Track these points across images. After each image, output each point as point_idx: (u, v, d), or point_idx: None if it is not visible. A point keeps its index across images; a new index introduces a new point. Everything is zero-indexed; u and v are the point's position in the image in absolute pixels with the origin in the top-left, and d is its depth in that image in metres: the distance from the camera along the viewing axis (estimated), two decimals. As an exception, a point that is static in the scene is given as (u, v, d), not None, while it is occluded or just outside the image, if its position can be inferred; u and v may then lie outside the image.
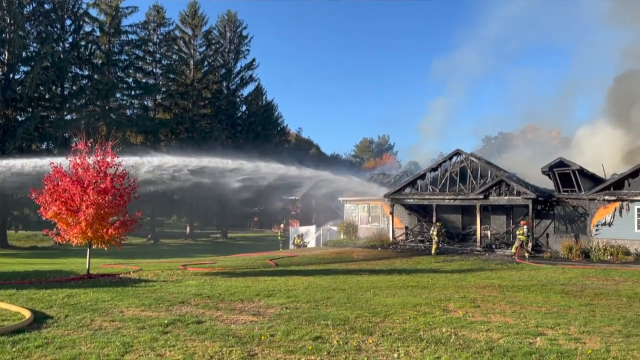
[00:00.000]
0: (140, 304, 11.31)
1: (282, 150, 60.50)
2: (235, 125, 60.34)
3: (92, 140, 17.19)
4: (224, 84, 61.51)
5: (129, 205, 17.72)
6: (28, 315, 9.67)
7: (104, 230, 16.59)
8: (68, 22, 47.90)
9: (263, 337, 8.30)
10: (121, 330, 8.83)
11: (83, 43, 49.15)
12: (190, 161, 33.43)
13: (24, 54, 42.96)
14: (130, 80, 53.92)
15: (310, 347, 7.72)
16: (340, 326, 9.19)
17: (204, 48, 59.61)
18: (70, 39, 48.19)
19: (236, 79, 62.40)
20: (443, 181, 30.68)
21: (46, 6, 45.89)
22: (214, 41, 60.73)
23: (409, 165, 46.07)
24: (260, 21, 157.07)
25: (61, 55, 45.85)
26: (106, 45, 50.69)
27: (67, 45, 47.80)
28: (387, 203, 32.79)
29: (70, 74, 47.60)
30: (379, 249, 30.18)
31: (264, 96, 66.59)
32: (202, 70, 59.04)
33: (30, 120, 42.56)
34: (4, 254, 36.02)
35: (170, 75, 56.96)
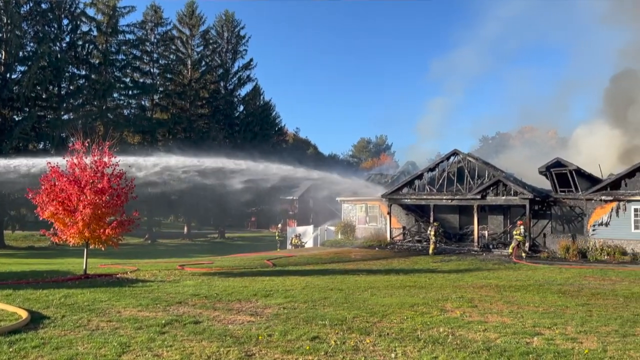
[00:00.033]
0: (137, 304, 11.29)
1: (280, 150, 60.53)
2: (233, 125, 60.30)
3: (90, 140, 17.15)
4: (222, 84, 61.50)
5: (126, 205, 17.70)
6: (25, 315, 9.64)
7: (101, 231, 16.55)
8: (65, 22, 47.93)
9: (260, 337, 8.30)
10: (118, 330, 8.81)
11: (80, 43, 49.10)
12: (197, 162, 33.43)
13: (20, 53, 42.90)
14: (127, 80, 53.92)
15: (307, 347, 7.72)
16: (337, 326, 9.19)
17: (201, 48, 59.66)
18: (67, 39, 48.18)
19: (234, 79, 62.43)
20: (440, 181, 30.71)
21: (43, 6, 45.86)
22: (211, 41, 60.71)
23: (406, 165, 46.09)
24: (258, 21, 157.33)
25: (58, 55, 45.79)
26: (103, 45, 50.64)
27: (64, 44, 47.76)
28: (385, 203, 32.81)
29: (67, 74, 47.55)
30: (376, 249, 30.19)
31: (261, 96, 66.64)
32: (200, 70, 59.03)
33: (27, 120, 42.45)
34: (1, 254, 35.92)
35: (168, 75, 56.94)
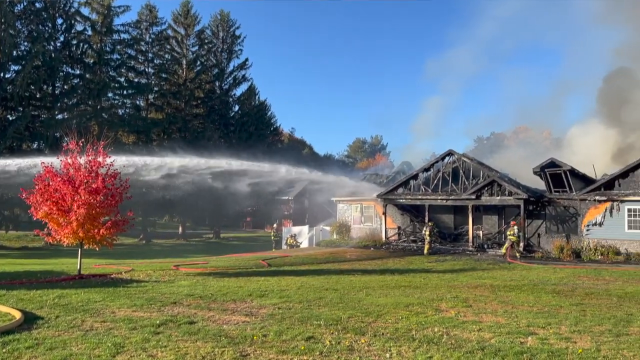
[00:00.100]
0: (132, 305, 11.26)
1: (275, 151, 60.45)
2: (228, 125, 60.22)
3: (84, 139, 17.08)
4: (217, 84, 61.39)
5: (121, 205, 17.64)
6: (18, 316, 9.60)
7: (96, 231, 16.49)
8: (59, 21, 47.71)
9: (255, 338, 8.29)
10: (112, 330, 8.79)
11: (75, 42, 48.88)
12: (204, 163, 33.48)
13: (14, 52, 42.69)
14: (122, 79, 53.72)
15: (302, 347, 7.72)
16: (332, 326, 9.20)
17: (196, 48, 59.49)
18: (61, 38, 47.96)
19: (229, 78, 62.33)
20: (435, 181, 30.77)
21: (37, 5, 45.64)
22: (206, 41, 60.58)
23: (401, 165, 46.24)
24: (253, 21, 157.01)
25: (52, 54, 45.59)
26: (98, 45, 50.43)
27: (59, 44, 47.54)
28: (380, 203, 32.85)
29: (61, 73, 47.37)
30: (371, 249, 30.22)
31: (256, 96, 66.54)
32: (195, 70, 58.90)
33: (21, 120, 42.27)
34: (-6, 254, 35.70)
35: (163, 75, 56.76)
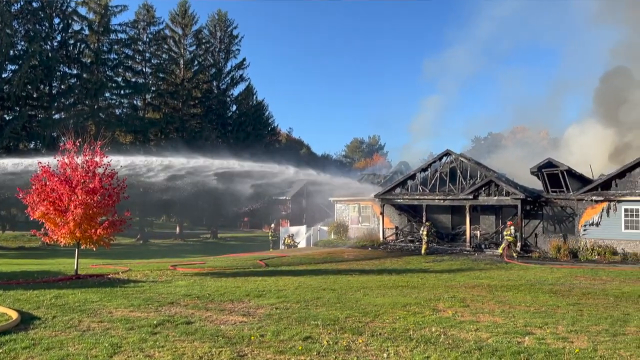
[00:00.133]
0: (129, 305, 11.24)
1: (273, 151, 60.43)
2: (226, 125, 60.15)
3: (81, 139, 17.05)
4: (214, 84, 61.34)
5: (118, 205, 17.61)
6: (15, 316, 9.57)
7: (93, 231, 16.45)
8: (56, 21, 47.61)
9: (253, 338, 8.29)
10: (110, 331, 8.77)
11: (72, 42, 48.80)
12: (212, 163, 33.54)
13: (11, 52, 42.58)
14: (119, 79, 53.65)
15: (300, 348, 7.72)
16: (330, 326, 9.20)
17: (194, 47, 59.44)
18: (58, 38, 47.87)
19: (226, 78, 62.28)
20: (433, 181, 30.81)
21: (34, 4, 45.52)
22: (204, 40, 60.53)
23: (399, 165, 46.21)
24: (250, 21, 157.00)
25: (49, 54, 45.48)
26: (95, 44, 50.34)
27: (56, 43, 47.43)
28: (378, 203, 32.87)
29: (58, 73, 47.26)
30: (369, 249, 30.24)
31: (254, 96, 66.51)
32: (192, 70, 58.83)
33: (18, 120, 42.16)
34: (-9, 254, 35.61)
35: (160, 75, 56.69)
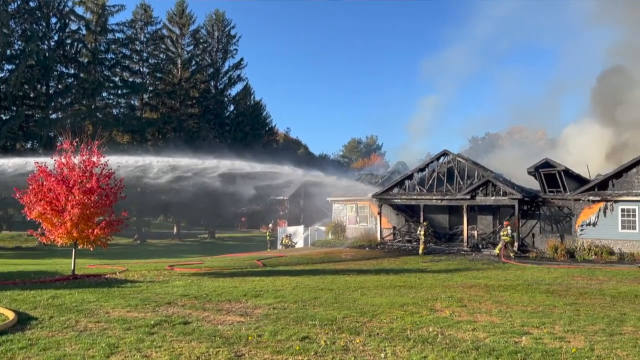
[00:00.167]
0: (126, 305, 11.22)
1: (270, 151, 60.41)
2: (223, 125, 60.14)
3: (78, 139, 17.02)
4: (212, 84, 61.31)
5: (115, 205, 17.58)
6: (12, 316, 9.54)
7: (90, 231, 16.42)
8: (53, 20, 47.53)
9: (250, 338, 8.28)
10: (107, 331, 8.75)
11: (69, 41, 48.73)
12: (227, 164, 33.59)
13: (8, 51, 42.45)
14: (116, 79, 53.60)
15: (297, 348, 7.72)
16: (327, 326, 9.20)
17: (191, 47, 59.43)
18: (55, 37, 47.76)
19: (224, 78, 62.26)
20: (430, 181, 30.82)
21: (31, 4, 45.44)
22: (201, 40, 60.50)
23: (396, 165, 46.28)
24: (248, 21, 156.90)
25: (46, 54, 45.38)
26: (92, 44, 50.27)
27: (53, 43, 47.34)
28: (375, 203, 32.88)
29: (55, 73, 47.17)
30: (366, 249, 30.24)
31: (252, 96, 66.52)
32: (190, 70, 58.79)
33: (15, 119, 42.06)
34: (-12, 254, 35.51)
35: (158, 75, 56.62)
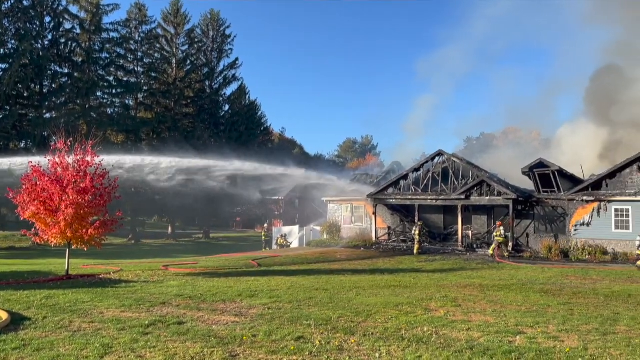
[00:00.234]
0: (120, 305, 11.19)
1: (266, 150, 60.35)
2: (218, 125, 60.00)
3: (72, 139, 16.95)
4: (207, 83, 61.14)
5: (110, 205, 17.52)
6: (5, 316, 9.49)
7: (84, 231, 16.36)
8: (47, 19, 47.27)
9: (245, 338, 8.27)
10: (101, 331, 8.72)
11: (63, 40, 48.46)
12: (237, 165, 33.62)
13: (1, 50, 42.24)
14: (111, 78, 53.35)
15: (292, 348, 7.72)
16: (322, 326, 9.20)
17: (186, 47, 59.24)
18: (49, 36, 47.50)
19: (219, 78, 62.10)
20: (425, 181, 30.90)
21: (25, 2, 45.14)
22: (196, 40, 60.34)
23: (392, 165, 46.27)
24: (243, 21, 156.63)
25: (40, 53, 45.15)
26: (87, 43, 50.02)
27: (47, 42, 47.08)
28: (370, 203, 32.92)
29: (49, 72, 46.92)
30: (361, 249, 30.27)
31: (247, 96, 66.35)
32: (185, 69, 58.61)
33: (8, 119, 41.82)
34: (-19, 254, 35.28)
35: (152, 74, 56.42)
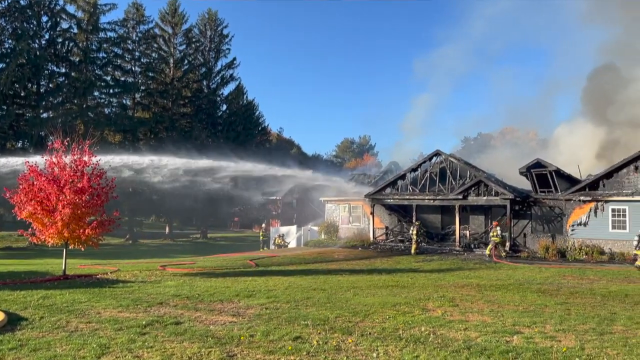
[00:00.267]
0: (117, 305, 11.17)
1: (263, 150, 60.33)
2: (216, 125, 59.96)
3: (69, 138, 16.91)
4: (205, 83, 61.10)
5: (107, 204, 17.48)
6: (2, 317, 9.46)
7: (81, 231, 16.33)
8: (44, 19, 47.13)
9: (242, 338, 8.27)
10: (98, 331, 8.70)
11: (60, 40, 48.36)
12: (249, 167, 33.60)
13: (-2, 50, 42.14)
14: (108, 78, 53.28)
15: (289, 348, 7.71)
16: (320, 326, 9.20)
17: (184, 46, 59.22)
18: (46, 36, 47.40)
19: (217, 78, 62.08)
20: (423, 181, 30.91)
21: (22, 2, 45.04)
22: (194, 40, 60.29)
23: (389, 165, 46.32)
24: (241, 21, 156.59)
25: (37, 52, 45.05)
26: (84, 43, 49.94)
27: (44, 42, 46.98)
28: (368, 203, 32.92)
29: (46, 72, 46.84)
30: (359, 248, 30.27)
31: (244, 95, 66.33)
32: (182, 69, 58.55)
33: (5, 118, 41.70)
34: (-23, 254, 35.18)
35: (150, 74, 56.34)
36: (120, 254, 36.21)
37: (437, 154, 31.29)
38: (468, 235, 30.37)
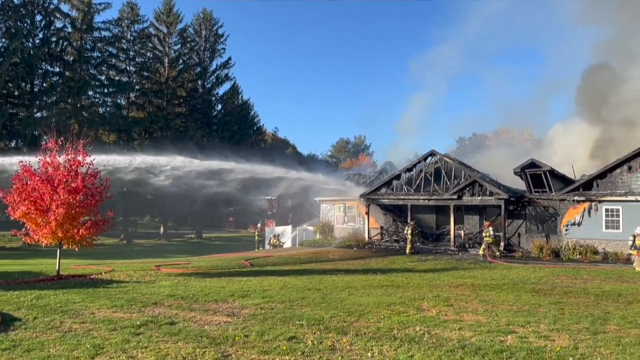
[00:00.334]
0: (112, 305, 11.13)
1: (258, 150, 60.26)
2: (211, 125, 59.83)
3: (63, 138, 16.83)
4: (199, 83, 60.98)
5: (101, 204, 17.42)
6: (-5, 317, 9.42)
7: (75, 231, 16.26)
8: (38, 18, 46.89)
9: (237, 338, 8.26)
10: (92, 332, 8.67)
11: (54, 39, 48.13)
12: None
13: (-8, 49, 41.91)
14: (102, 77, 53.08)
15: (284, 348, 7.71)
16: (315, 326, 9.20)
17: (179, 46, 59.06)
18: (40, 35, 47.14)
19: (212, 77, 61.95)
20: (418, 181, 30.98)
21: (16, 1, 44.79)
22: (189, 39, 60.15)
23: (384, 165, 46.37)
24: (236, 20, 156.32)
25: (31, 51, 44.83)
26: (78, 42, 49.73)
27: (38, 41, 46.73)
28: (363, 203, 32.96)
29: (40, 71, 46.59)
30: (354, 248, 30.30)
31: (239, 95, 66.31)
32: (177, 69, 58.42)
33: (-1, 118, 41.48)
34: (-30, 254, 34.96)
35: (144, 73, 56.18)
36: (115, 254, 36.08)
37: (432, 154, 31.37)
38: (463, 235, 30.47)
